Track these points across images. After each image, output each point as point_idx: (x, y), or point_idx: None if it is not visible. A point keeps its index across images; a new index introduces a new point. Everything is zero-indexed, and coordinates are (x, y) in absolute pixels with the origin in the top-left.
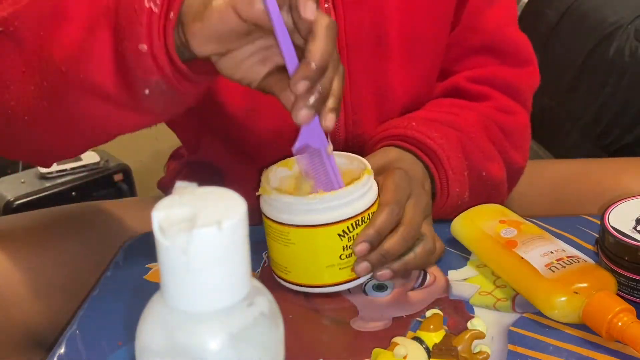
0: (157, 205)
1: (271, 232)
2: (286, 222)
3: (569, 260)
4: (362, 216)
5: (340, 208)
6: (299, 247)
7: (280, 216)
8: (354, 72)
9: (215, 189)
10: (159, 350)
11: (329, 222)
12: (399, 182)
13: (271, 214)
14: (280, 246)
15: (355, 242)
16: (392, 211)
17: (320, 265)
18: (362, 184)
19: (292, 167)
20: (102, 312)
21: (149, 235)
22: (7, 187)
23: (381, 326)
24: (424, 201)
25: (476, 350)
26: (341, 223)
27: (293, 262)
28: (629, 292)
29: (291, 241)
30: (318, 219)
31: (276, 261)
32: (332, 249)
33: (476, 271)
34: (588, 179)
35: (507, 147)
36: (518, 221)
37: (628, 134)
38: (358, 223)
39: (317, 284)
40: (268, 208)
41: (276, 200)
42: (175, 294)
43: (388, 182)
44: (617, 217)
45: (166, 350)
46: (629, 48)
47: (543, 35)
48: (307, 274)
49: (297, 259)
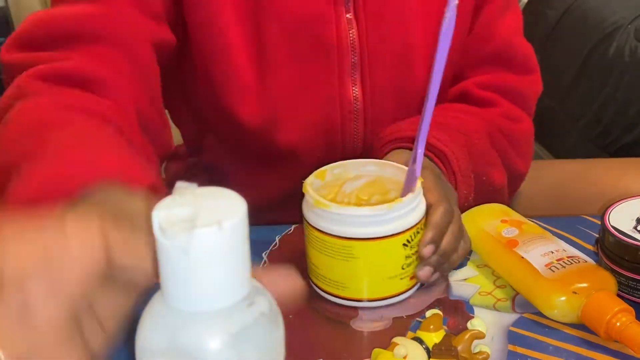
0: (157, 205)
1: (326, 247)
2: (350, 236)
3: (569, 260)
4: (421, 223)
5: (404, 217)
6: (363, 260)
7: (342, 230)
8: (376, 84)
9: (216, 189)
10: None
11: (395, 232)
12: (435, 181)
13: (331, 228)
14: (338, 262)
15: (420, 245)
16: (446, 210)
17: (383, 278)
18: (419, 191)
19: (324, 177)
20: None
21: None
22: None
23: (381, 326)
24: (455, 197)
25: (476, 350)
26: (406, 232)
27: (353, 277)
28: (629, 292)
29: (354, 255)
30: (385, 230)
31: (330, 278)
32: (396, 259)
33: (476, 271)
34: (588, 178)
35: (511, 154)
36: (520, 221)
37: (628, 134)
38: (418, 231)
39: (377, 297)
40: (325, 223)
41: (338, 214)
42: (176, 293)
43: (427, 182)
44: (618, 217)
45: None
46: (629, 48)
47: (543, 35)
48: (368, 288)
49: (359, 273)
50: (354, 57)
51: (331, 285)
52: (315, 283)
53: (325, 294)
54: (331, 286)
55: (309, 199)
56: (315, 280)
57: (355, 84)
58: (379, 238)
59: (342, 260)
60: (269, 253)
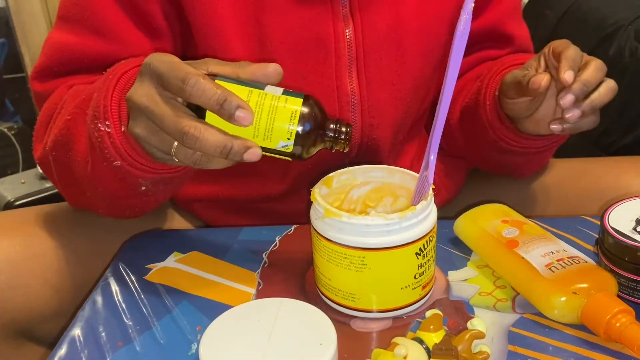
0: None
1: (336, 257)
2: (362, 246)
3: (569, 261)
4: (433, 232)
5: (417, 225)
6: (375, 271)
7: (354, 240)
8: (372, 77)
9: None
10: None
11: (408, 241)
12: (561, 40)
13: (342, 238)
14: (350, 273)
15: (560, 70)
16: (576, 48)
17: (396, 288)
18: (431, 198)
19: (331, 185)
20: (102, 312)
21: (149, 235)
22: (8, 188)
23: (381, 326)
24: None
25: (476, 350)
26: (419, 241)
27: (366, 288)
28: (628, 293)
29: (367, 266)
30: (398, 239)
31: (340, 289)
32: (409, 268)
33: (476, 272)
34: (588, 178)
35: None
36: (520, 221)
37: (628, 134)
38: (430, 239)
39: (390, 307)
40: (336, 232)
41: (349, 224)
42: None
43: (552, 43)
44: (617, 217)
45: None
46: (629, 48)
47: (543, 36)
48: (380, 298)
49: (372, 284)
50: (350, 52)
51: (341, 296)
52: (324, 293)
53: (334, 305)
54: (341, 297)
55: (319, 208)
56: (324, 290)
57: (351, 78)
58: (391, 248)
59: (354, 271)
60: (269, 253)
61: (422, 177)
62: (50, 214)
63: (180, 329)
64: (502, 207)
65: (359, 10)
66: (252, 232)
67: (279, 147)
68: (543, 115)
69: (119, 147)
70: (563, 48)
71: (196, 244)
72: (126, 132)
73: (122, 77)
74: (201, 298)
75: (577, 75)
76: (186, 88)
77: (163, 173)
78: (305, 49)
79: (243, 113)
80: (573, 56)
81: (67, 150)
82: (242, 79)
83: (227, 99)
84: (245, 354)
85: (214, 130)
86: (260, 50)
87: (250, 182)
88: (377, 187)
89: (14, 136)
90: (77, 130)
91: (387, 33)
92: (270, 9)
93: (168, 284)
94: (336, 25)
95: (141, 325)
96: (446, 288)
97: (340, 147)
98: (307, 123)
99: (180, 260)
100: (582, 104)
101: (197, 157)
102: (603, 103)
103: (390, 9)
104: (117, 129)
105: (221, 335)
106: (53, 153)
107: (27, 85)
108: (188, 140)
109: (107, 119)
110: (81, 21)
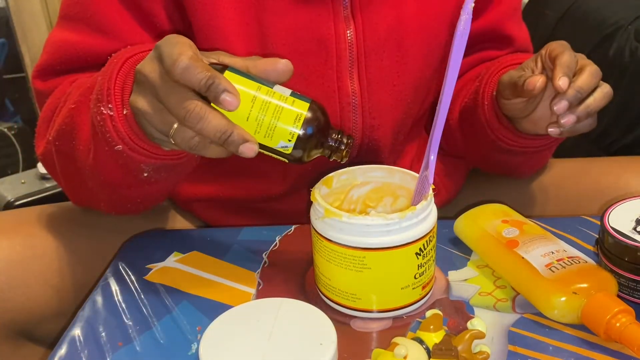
0: None
1: (337, 257)
2: (363, 246)
3: (569, 261)
4: (433, 232)
5: (417, 225)
6: (375, 271)
7: (354, 240)
8: (372, 78)
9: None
10: None
11: (408, 241)
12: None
13: (342, 238)
14: (351, 273)
15: (555, 77)
16: (572, 53)
17: (396, 288)
18: (431, 198)
19: (331, 185)
20: (102, 312)
21: (149, 235)
22: (8, 188)
23: (381, 326)
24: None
25: (476, 350)
26: (419, 241)
27: (366, 288)
28: (628, 293)
29: (367, 266)
30: (399, 239)
31: (340, 289)
32: (409, 268)
33: (476, 272)
34: (588, 177)
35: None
36: (520, 221)
37: (628, 134)
38: (430, 239)
39: (390, 307)
40: (336, 232)
41: (349, 224)
42: None
43: (549, 44)
44: (617, 217)
45: None
46: (629, 48)
47: (543, 36)
48: (380, 298)
49: (372, 284)
50: (351, 53)
51: (341, 296)
52: (324, 293)
53: (334, 305)
54: (341, 297)
55: (319, 208)
56: (324, 291)
57: (352, 79)
58: (391, 248)
59: (354, 271)
60: (269, 253)
61: (422, 177)
62: (51, 214)
63: (180, 329)
64: (502, 207)
65: (360, 11)
66: (252, 232)
67: (278, 147)
68: (541, 116)
69: (121, 130)
70: (558, 52)
71: (196, 244)
72: (128, 114)
73: (127, 62)
74: (201, 298)
75: (571, 81)
76: (176, 68)
77: (165, 159)
78: (307, 49)
79: (229, 97)
80: (568, 62)
81: (70, 140)
82: (252, 73)
83: (215, 81)
84: (245, 354)
85: (218, 114)
86: (262, 51)
87: (251, 182)
88: (377, 187)
89: (14, 136)
90: (80, 119)
91: (388, 34)
92: (272, 10)
93: (168, 284)
94: (337, 26)
95: (141, 325)
96: (446, 288)
97: (338, 158)
98: (310, 128)
99: (180, 260)
100: (577, 110)
101: (195, 142)
102: (598, 108)
103: (391, 10)
104: (119, 112)
105: (221, 335)
106: (56, 143)
107: (27, 85)
108: (191, 119)
109: (109, 102)
110: (83, 20)
